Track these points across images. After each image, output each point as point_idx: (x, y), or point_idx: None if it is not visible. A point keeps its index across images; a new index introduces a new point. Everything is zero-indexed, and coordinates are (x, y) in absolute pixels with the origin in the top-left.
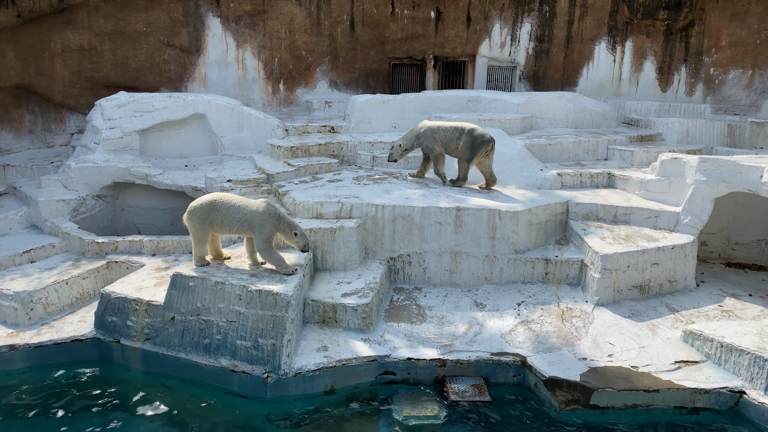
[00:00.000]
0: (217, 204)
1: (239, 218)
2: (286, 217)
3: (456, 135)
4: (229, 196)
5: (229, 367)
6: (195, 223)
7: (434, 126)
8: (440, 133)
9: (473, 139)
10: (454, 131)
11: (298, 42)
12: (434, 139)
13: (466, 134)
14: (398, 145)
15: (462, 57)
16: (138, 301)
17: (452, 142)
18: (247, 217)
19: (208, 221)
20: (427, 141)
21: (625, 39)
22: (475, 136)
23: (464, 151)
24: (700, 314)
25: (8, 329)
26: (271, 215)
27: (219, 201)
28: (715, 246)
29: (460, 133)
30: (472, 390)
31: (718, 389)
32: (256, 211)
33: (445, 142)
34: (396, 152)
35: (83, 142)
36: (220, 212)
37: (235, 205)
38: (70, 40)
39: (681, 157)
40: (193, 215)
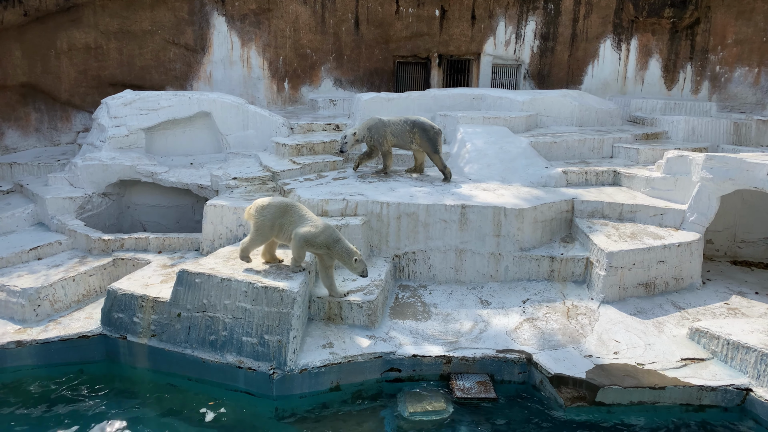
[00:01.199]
0: (291, 209)
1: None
2: (344, 241)
3: (408, 128)
4: (301, 205)
5: (235, 364)
6: (265, 219)
7: (385, 120)
8: (391, 127)
9: (427, 131)
10: (405, 125)
11: (303, 40)
12: (385, 132)
13: (419, 127)
14: (352, 134)
15: (466, 55)
16: (144, 297)
17: (405, 135)
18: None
19: (278, 222)
20: (378, 135)
21: (630, 37)
22: (428, 128)
23: (427, 145)
24: (706, 312)
25: (15, 325)
26: (327, 237)
27: (293, 207)
28: (722, 244)
29: (412, 125)
30: (477, 387)
31: (725, 386)
32: (320, 227)
33: (397, 135)
34: (350, 141)
35: (89, 140)
36: (292, 218)
37: (305, 217)
38: (77, 38)
39: (687, 155)
40: (265, 210)
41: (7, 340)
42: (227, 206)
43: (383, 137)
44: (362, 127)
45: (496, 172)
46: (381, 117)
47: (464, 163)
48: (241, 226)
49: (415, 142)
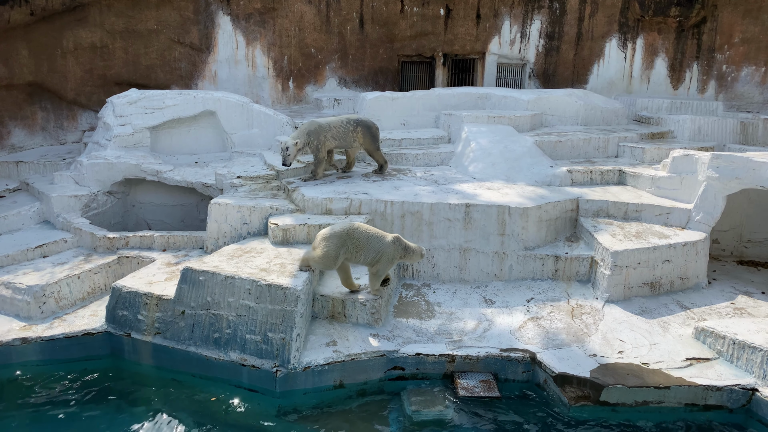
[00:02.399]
0: (355, 232)
1: (377, 247)
2: (410, 245)
3: (351, 128)
4: (364, 225)
5: (239, 361)
6: (329, 250)
7: (324, 123)
8: (332, 131)
9: (369, 128)
10: (348, 124)
11: (308, 40)
12: (325, 137)
13: (362, 125)
14: (294, 144)
15: (471, 54)
16: (149, 295)
17: (348, 135)
18: (381, 248)
19: (343, 249)
20: (316, 140)
21: (636, 36)
22: (369, 124)
23: (368, 141)
24: (712, 312)
25: (21, 322)
26: (399, 248)
27: (357, 229)
28: (728, 244)
29: (356, 125)
30: (481, 386)
31: (731, 386)
32: (388, 243)
33: (339, 137)
34: (293, 152)
35: (95, 139)
36: (358, 241)
37: (373, 235)
38: (83, 38)
39: (693, 154)
40: (329, 239)
41: (13, 337)
42: (232, 204)
43: (322, 143)
44: (301, 133)
45: (501, 171)
46: (319, 120)
47: (469, 162)
48: (246, 224)
49: (357, 140)
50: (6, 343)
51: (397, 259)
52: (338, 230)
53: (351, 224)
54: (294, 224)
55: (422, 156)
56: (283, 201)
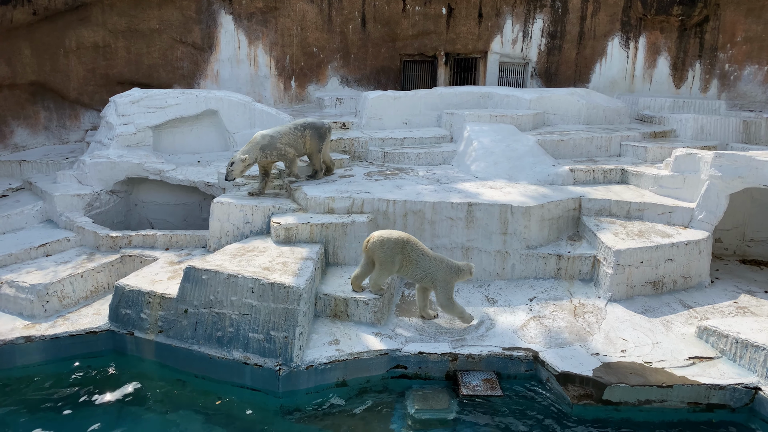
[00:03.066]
0: (408, 245)
1: (425, 267)
2: (462, 265)
3: (300, 133)
4: (417, 241)
5: (242, 360)
6: (386, 254)
7: (274, 133)
8: (286, 138)
9: (317, 130)
10: (296, 130)
11: (310, 39)
12: (282, 144)
13: (310, 127)
14: (241, 160)
15: (473, 53)
16: (152, 293)
17: (298, 140)
18: (432, 268)
19: (397, 257)
20: (275, 150)
21: (638, 35)
22: (318, 126)
23: (313, 144)
24: (714, 310)
25: (25, 321)
26: (453, 270)
27: (410, 242)
28: (730, 243)
29: (303, 128)
30: (483, 384)
31: (733, 385)
32: (440, 264)
33: (292, 143)
34: (238, 168)
35: (97, 138)
36: (410, 254)
37: (424, 253)
38: (85, 37)
39: (695, 153)
40: (384, 245)
41: (16, 336)
42: (234, 204)
43: (283, 148)
44: (252, 148)
45: (503, 170)
46: (269, 132)
47: (471, 161)
48: (248, 223)
49: (305, 144)
50: (10, 342)
51: (452, 282)
52: (389, 237)
53: (404, 234)
54: (296, 223)
55: (424, 155)
56: (286, 200)
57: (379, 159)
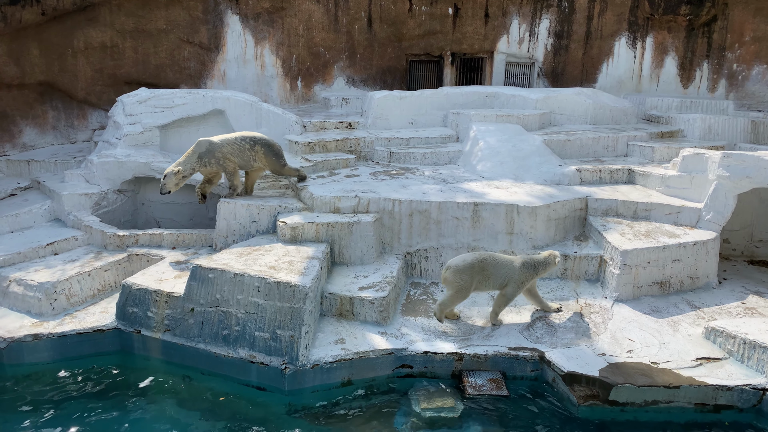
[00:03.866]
0: (485, 263)
1: (504, 275)
2: (542, 259)
3: (248, 146)
4: (492, 254)
5: (248, 358)
6: (464, 282)
7: (217, 141)
8: (227, 147)
9: (270, 147)
10: (243, 141)
11: (316, 39)
12: (221, 153)
13: (261, 143)
14: (174, 173)
15: (480, 53)
16: (158, 292)
17: (245, 153)
18: (509, 274)
19: (475, 280)
20: (214, 158)
21: (645, 35)
22: (270, 143)
23: (273, 161)
24: (722, 311)
25: (32, 319)
26: (530, 268)
27: (486, 260)
28: (738, 243)
29: (253, 143)
30: (489, 384)
31: (741, 386)
32: (517, 269)
33: (236, 154)
34: (170, 181)
35: (105, 138)
36: (487, 271)
37: (501, 263)
38: (93, 37)
39: (703, 153)
40: (464, 273)
41: (24, 333)
42: (240, 203)
43: (224, 157)
44: (188, 159)
45: (509, 169)
46: (210, 139)
47: (477, 160)
48: (254, 222)
49: (258, 161)
50: (18, 339)
51: (529, 280)
52: (470, 261)
53: (480, 255)
54: (302, 222)
55: (430, 155)
56: (292, 199)
57: (385, 159)
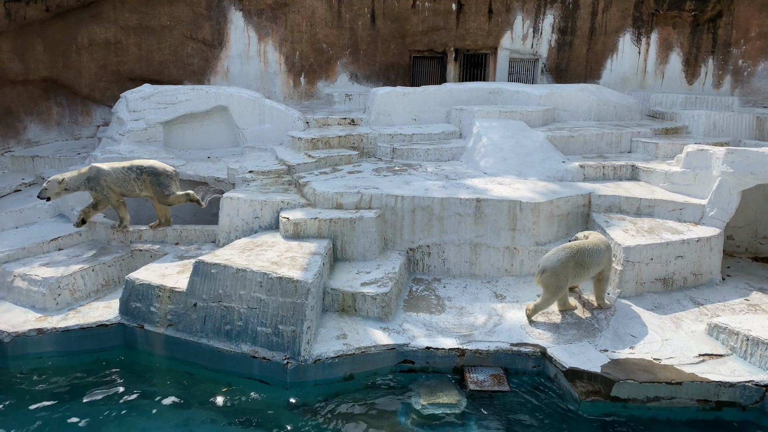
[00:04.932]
0: (580, 256)
1: (597, 262)
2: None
3: (134, 175)
4: (579, 244)
5: (250, 353)
6: (562, 280)
7: (106, 169)
8: (112, 176)
9: (157, 176)
10: (129, 172)
11: (319, 35)
12: (106, 182)
13: (149, 173)
14: (58, 182)
15: (483, 49)
16: (161, 287)
17: (129, 183)
18: (601, 259)
19: (570, 275)
20: (99, 187)
21: (650, 31)
22: (158, 172)
23: (155, 191)
24: (725, 308)
25: (36, 313)
26: (610, 249)
27: (580, 252)
28: (742, 240)
29: (140, 172)
30: (491, 380)
31: (744, 383)
32: (605, 249)
33: (120, 184)
34: (52, 188)
35: (109, 134)
36: (585, 263)
37: (594, 251)
38: (97, 34)
39: (707, 149)
40: (561, 273)
41: (29, 328)
42: (243, 199)
43: (107, 188)
44: (78, 177)
45: (512, 166)
46: (100, 166)
47: (480, 157)
48: (257, 218)
49: (146, 189)
50: (22, 334)
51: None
52: (565, 259)
53: (570, 248)
54: (305, 218)
55: (433, 151)
56: (294, 195)
57: (388, 155)
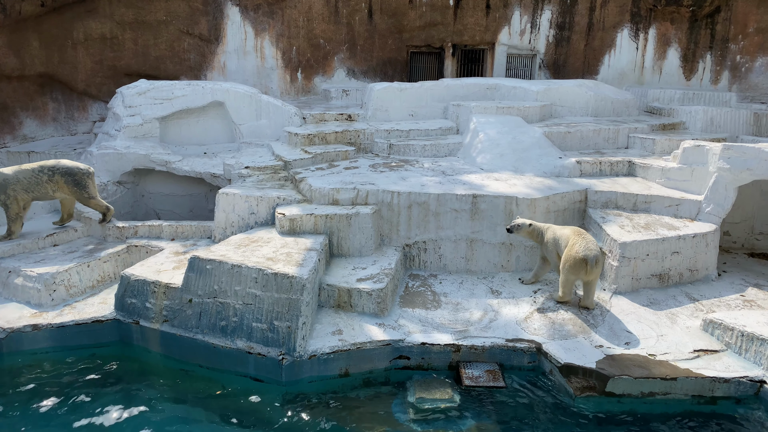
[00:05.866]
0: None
1: None
2: None
3: (46, 177)
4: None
5: (245, 349)
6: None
7: (10, 174)
8: (21, 183)
9: (72, 175)
10: (41, 174)
11: (317, 30)
12: (14, 191)
13: (62, 173)
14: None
15: (481, 45)
16: (157, 283)
17: (41, 186)
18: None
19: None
20: (4, 192)
21: (648, 26)
22: (73, 172)
23: (76, 191)
24: (721, 304)
25: (32, 309)
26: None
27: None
28: (739, 236)
29: (52, 173)
30: (486, 375)
31: (738, 378)
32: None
33: (31, 189)
34: None
35: (105, 130)
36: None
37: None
38: (92, 29)
39: (704, 145)
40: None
41: (24, 324)
42: (239, 195)
43: (11, 197)
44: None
45: (509, 162)
46: (4, 171)
47: (477, 152)
48: (253, 214)
49: (60, 190)
50: (17, 330)
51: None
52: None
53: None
54: (301, 214)
55: (430, 147)
56: (291, 191)
57: (385, 151)
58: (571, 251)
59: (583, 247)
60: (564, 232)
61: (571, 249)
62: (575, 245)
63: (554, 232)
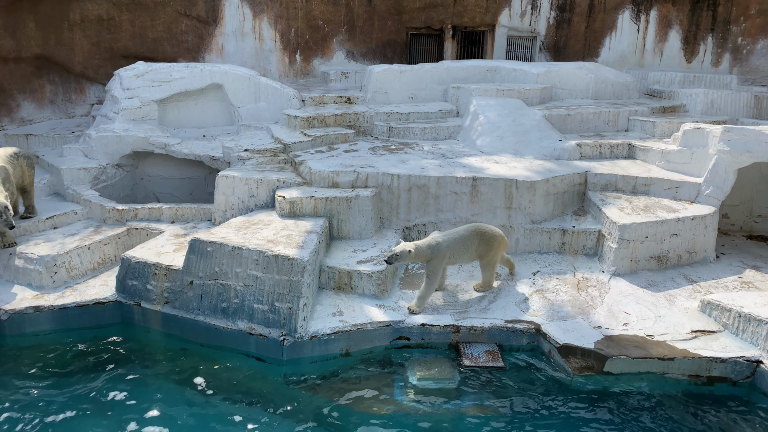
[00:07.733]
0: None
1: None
2: None
3: (16, 161)
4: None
5: (247, 330)
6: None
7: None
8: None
9: (29, 159)
10: (14, 158)
11: (315, 12)
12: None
13: (23, 156)
14: None
15: (481, 27)
16: (158, 265)
17: (17, 171)
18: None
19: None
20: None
21: (649, 8)
22: (30, 155)
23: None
24: (718, 285)
25: (33, 291)
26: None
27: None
28: (737, 218)
29: (16, 156)
30: (485, 356)
31: (735, 358)
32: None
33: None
34: None
35: (103, 112)
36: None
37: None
38: (89, 10)
39: (704, 127)
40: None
41: (26, 306)
42: (239, 177)
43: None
44: None
45: (509, 144)
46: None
47: (477, 135)
48: (253, 197)
49: (24, 175)
50: (19, 311)
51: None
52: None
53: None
54: (301, 197)
55: (430, 130)
56: (290, 174)
57: (384, 133)
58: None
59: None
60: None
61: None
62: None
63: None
